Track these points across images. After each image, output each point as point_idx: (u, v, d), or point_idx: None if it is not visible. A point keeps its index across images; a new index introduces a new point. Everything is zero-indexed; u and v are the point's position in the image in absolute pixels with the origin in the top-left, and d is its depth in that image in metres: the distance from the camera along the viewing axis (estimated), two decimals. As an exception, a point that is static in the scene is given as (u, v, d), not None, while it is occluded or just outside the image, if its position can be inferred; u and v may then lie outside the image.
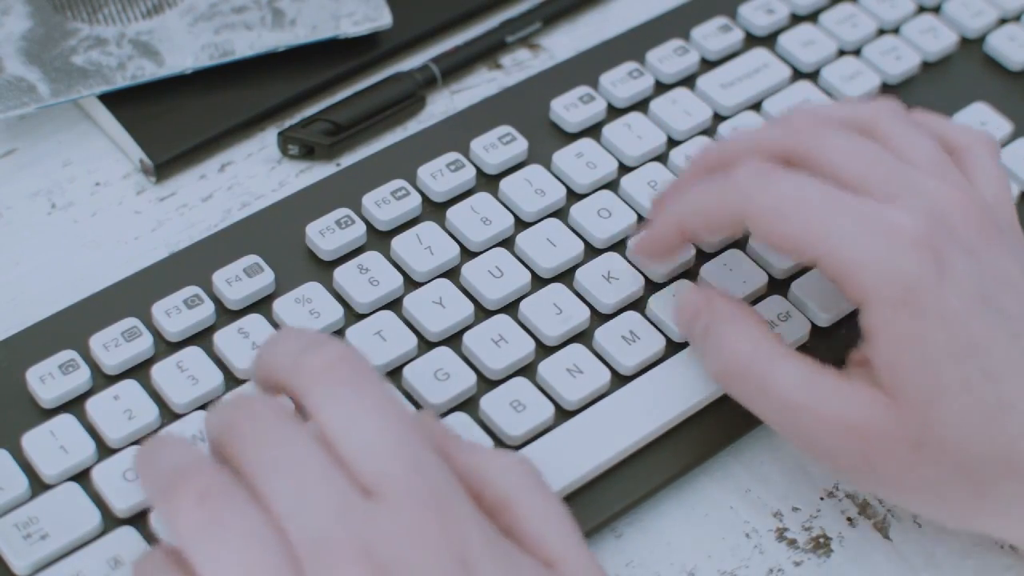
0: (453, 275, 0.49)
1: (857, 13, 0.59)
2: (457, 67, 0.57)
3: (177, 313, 0.47)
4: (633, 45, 0.57)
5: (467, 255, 0.50)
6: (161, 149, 0.53)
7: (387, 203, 0.50)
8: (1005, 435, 0.41)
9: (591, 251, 0.50)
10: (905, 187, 0.43)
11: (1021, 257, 0.43)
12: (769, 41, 0.58)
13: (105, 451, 0.44)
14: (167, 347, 0.47)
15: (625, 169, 0.53)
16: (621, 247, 0.50)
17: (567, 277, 0.49)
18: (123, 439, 0.44)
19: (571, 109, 0.54)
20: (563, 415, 0.46)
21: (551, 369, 0.46)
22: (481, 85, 0.58)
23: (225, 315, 0.48)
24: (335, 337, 0.39)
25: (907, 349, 0.41)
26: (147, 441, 0.38)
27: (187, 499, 0.35)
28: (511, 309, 0.48)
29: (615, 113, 0.55)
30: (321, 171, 0.54)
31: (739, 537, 0.46)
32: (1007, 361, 0.41)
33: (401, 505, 0.35)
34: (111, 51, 0.54)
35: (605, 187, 0.52)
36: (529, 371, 0.47)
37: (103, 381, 0.46)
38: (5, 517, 0.42)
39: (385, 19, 0.56)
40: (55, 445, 0.44)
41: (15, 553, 0.41)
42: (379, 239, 0.50)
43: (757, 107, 0.55)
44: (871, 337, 0.42)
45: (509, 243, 0.50)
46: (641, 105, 0.55)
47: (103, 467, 0.43)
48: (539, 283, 0.49)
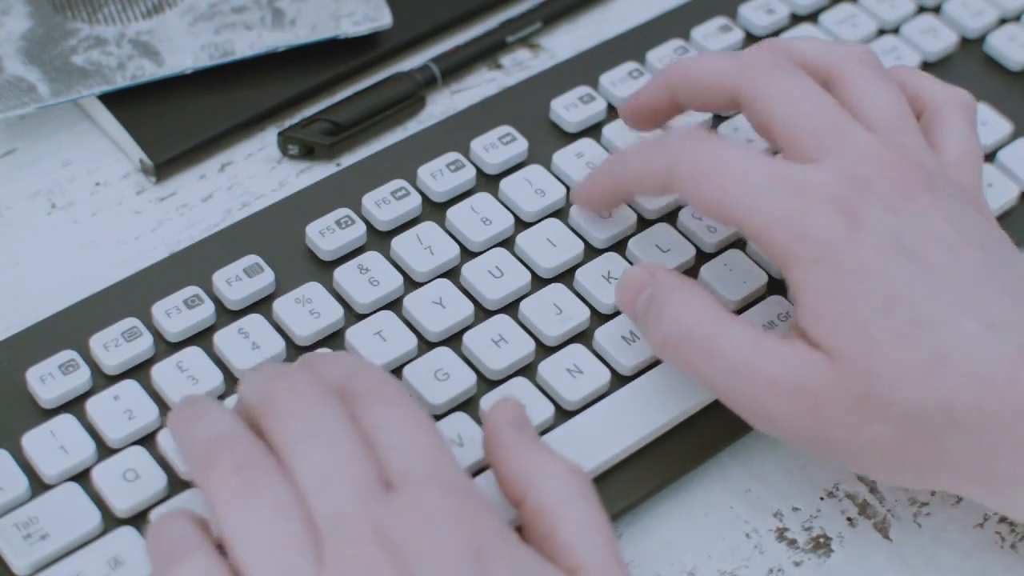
0: (453, 275, 0.49)
1: (857, 13, 0.59)
2: (457, 67, 0.57)
3: (177, 313, 0.47)
4: (633, 45, 0.57)
5: (467, 255, 0.50)
6: (161, 149, 0.53)
7: (387, 203, 0.50)
8: (943, 385, 0.40)
9: (591, 251, 0.50)
10: (835, 143, 0.43)
11: (956, 215, 0.43)
12: (769, 41, 0.58)
13: (105, 451, 0.44)
14: (167, 347, 0.47)
15: (625, 169, 0.53)
16: (622, 247, 0.50)
17: (567, 277, 0.49)
18: (123, 439, 0.44)
19: (571, 109, 0.54)
20: (563, 415, 0.46)
21: (551, 369, 0.46)
22: (481, 85, 0.58)
23: (225, 315, 0.48)
24: (375, 365, 0.42)
25: (828, 304, 0.41)
26: (183, 403, 0.41)
27: (224, 468, 0.37)
28: (511, 309, 0.48)
29: (615, 113, 0.55)
30: (321, 171, 0.54)
31: (739, 537, 0.46)
32: (935, 311, 0.41)
33: (421, 495, 0.37)
34: (111, 51, 0.54)
35: (605, 187, 0.52)
36: (529, 371, 0.47)
37: (103, 381, 0.46)
38: (5, 517, 0.42)
39: (385, 19, 0.56)
40: (55, 445, 0.44)
41: (15, 553, 0.41)
42: (379, 239, 0.50)
43: (757, 107, 0.55)
44: (796, 297, 0.42)
45: (509, 243, 0.50)
46: (641, 105, 0.55)
47: (103, 467, 0.43)
48: (539, 283, 0.49)
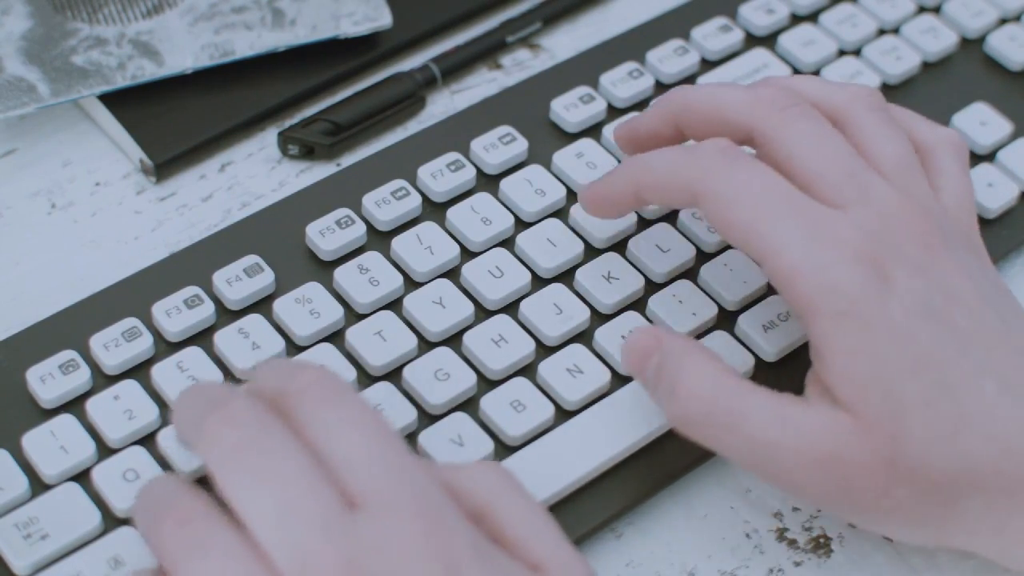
0: (453, 275, 0.49)
1: (857, 13, 0.59)
2: (457, 67, 0.57)
3: (177, 313, 0.47)
4: (633, 45, 0.57)
5: (467, 255, 0.50)
6: (161, 149, 0.53)
7: (387, 203, 0.50)
8: (968, 449, 0.40)
9: (591, 251, 0.50)
10: (857, 192, 0.42)
11: (971, 270, 0.43)
12: (769, 41, 0.58)
13: (105, 451, 0.44)
14: (167, 347, 0.47)
15: (625, 169, 0.53)
16: (622, 247, 0.50)
17: (567, 277, 0.49)
18: (123, 439, 0.44)
19: (571, 109, 0.54)
20: (563, 415, 0.46)
21: (551, 369, 0.46)
22: (481, 85, 0.58)
23: (225, 315, 0.47)
24: (310, 362, 0.39)
25: (857, 364, 0.41)
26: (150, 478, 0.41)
27: (170, 525, 0.37)
28: (511, 309, 0.48)
29: (615, 113, 0.55)
30: (321, 171, 0.54)
31: (739, 537, 0.46)
32: (960, 375, 0.41)
33: (386, 516, 0.35)
34: (111, 51, 0.54)
35: (605, 187, 0.52)
36: (529, 371, 0.47)
37: (103, 381, 0.46)
38: (5, 517, 0.42)
39: (385, 19, 0.56)
40: (55, 445, 0.44)
41: (15, 553, 0.41)
42: (379, 239, 0.50)
43: (757, 107, 0.55)
44: (819, 352, 0.41)
45: (509, 243, 0.50)
46: (641, 105, 0.55)
47: (103, 467, 0.43)
48: (539, 283, 0.49)
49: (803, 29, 0.58)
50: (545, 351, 0.47)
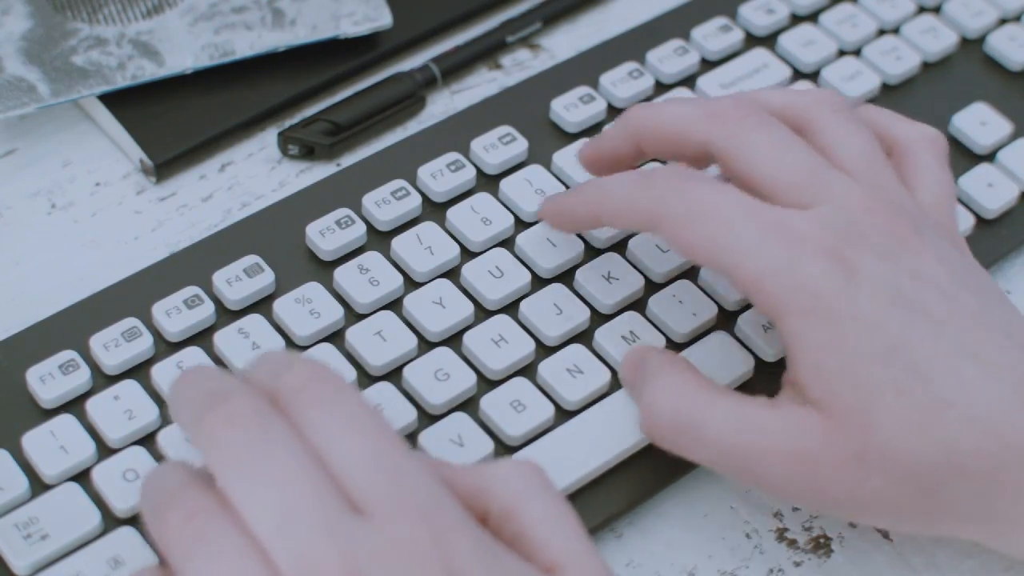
0: (453, 275, 0.49)
1: (857, 13, 0.59)
2: (457, 67, 0.57)
3: (177, 313, 0.47)
4: (633, 45, 0.57)
5: (467, 255, 0.50)
6: (161, 149, 0.53)
7: (387, 203, 0.50)
8: (946, 434, 0.40)
9: (591, 251, 0.50)
10: (819, 192, 0.42)
11: (944, 255, 0.43)
12: (769, 41, 0.58)
13: (105, 451, 0.44)
14: (167, 347, 0.47)
15: (625, 169, 0.53)
16: (622, 247, 0.50)
17: (567, 277, 0.49)
18: (123, 439, 0.44)
19: (571, 109, 0.54)
20: (563, 415, 0.46)
21: (551, 369, 0.46)
22: (481, 85, 0.58)
23: (225, 315, 0.47)
24: (308, 357, 0.39)
25: (827, 356, 0.40)
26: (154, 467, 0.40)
27: (175, 520, 0.36)
28: (511, 309, 0.48)
29: (615, 113, 0.55)
30: (321, 171, 0.54)
31: (739, 537, 0.46)
32: (935, 360, 0.40)
33: (387, 520, 0.35)
34: (111, 51, 0.54)
35: (605, 187, 0.52)
36: (529, 371, 0.47)
37: (103, 381, 0.46)
38: (5, 517, 0.42)
39: (385, 19, 0.56)
40: (55, 445, 0.44)
41: (15, 553, 0.41)
42: (379, 239, 0.50)
43: (757, 107, 0.55)
44: (791, 351, 0.42)
45: (509, 243, 0.50)
46: (641, 105, 0.55)
47: (103, 467, 0.43)
48: (539, 283, 0.49)
49: (803, 29, 0.58)
50: (545, 351, 0.47)
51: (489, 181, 0.52)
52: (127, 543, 0.42)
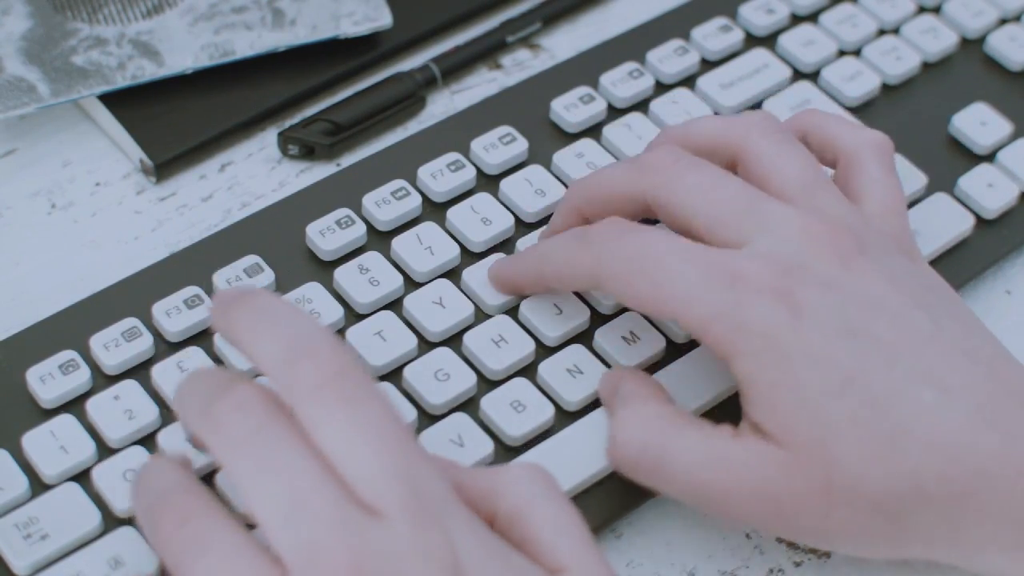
0: (453, 275, 0.49)
1: (857, 13, 0.59)
2: (457, 67, 0.57)
3: (177, 313, 0.47)
4: (633, 45, 0.57)
5: (467, 255, 0.50)
6: (161, 149, 0.53)
7: (387, 203, 0.50)
8: (908, 462, 0.40)
9: (591, 251, 0.50)
10: (755, 225, 0.42)
11: (895, 274, 0.42)
12: (769, 41, 0.58)
13: (105, 451, 0.44)
14: (167, 347, 0.47)
15: (625, 169, 0.53)
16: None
17: (567, 277, 0.49)
18: (123, 439, 0.44)
19: (571, 109, 0.54)
20: (564, 416, 0.46)
21: (551, 369, 0.46)
22: (481, 85, 0.58)
23: (225, 315, 0.47)
24: (325, 336, 0.37)
25: (780, 394, 0.40)
26: (142, 465, 0.39)
27: (169, 524, 0.36)
28: (511, 310, 0.48)
29: (615, 113, 0.55)
30: (321, 171, 0.54)
31: (739, 537, 0.46)
32: (890, 388, 0.40)
33: (397, 519, 0.35)
34: (111, 51, 0.54)
35: (605, 187, 0.52)
36: (529, 371, 0.47)
37: (103, 381, 0.46)
38: (5, 517, 0.42)
39: (385, 19, 0.56)
40: (55, 445, 0.44)
41: (15, 553, 0.41)
42: (379, 239, 0.50)
43: (757, 107, 0.55)
44: (744, 391, 0.41)
45: (509, 243, 0.50)
46: (641, 105, 0.55)
47: (103, 467, 0.43)
48: (539, 283, 0.49)
49: (803, 29, 0.58)
50: (545, 351, 0.47)
51: (489, 181, 0.52)
52: (127, 543, 0.42)
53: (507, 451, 0.45)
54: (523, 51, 0.59)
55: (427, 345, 0.47)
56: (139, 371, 0.46)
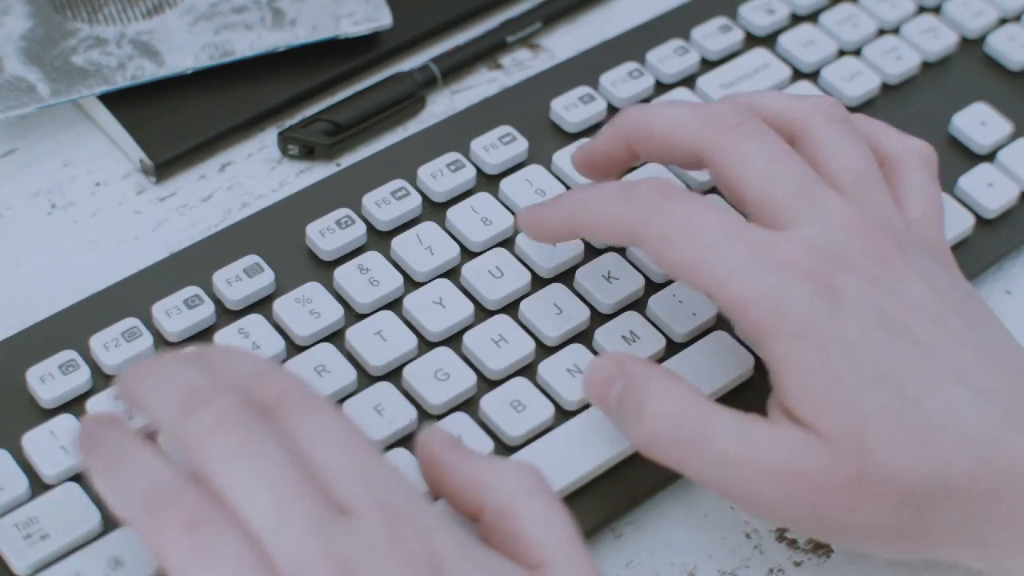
0: (453, 275, 0.49)
1: (857, 13, 0.59)
2: (457, 67, 0.57)
3: (177, 313, 0.47)
4: (633, 45, 0.57)
5: (467, 255, 0.50)
6: (161, 149, 0.53)
7: (387, 203, 0.50)
8: (937, 457, 0.40)
9: (591, 251, 0.50)
10: (805, 210, 0.42)
11: (932, 277, 0.42)
12: (769, 41, 0.58)
13: (105, 451, 0.44)
14: (167, 347, 0.47)
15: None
16: (622, 247, 0.50)
17: (567, 277, 0.49)
18: (123, 439, 0.44)
19: (571, 109, 0.54)
20: (563, 415, 0.46)
21: (551, 369, 0.46)
22: (481, 85, 0.58)
23: (225, 315, 0.47)
24: (278, 366, 0.39)
25: (814, 381, 0.40)
26: (95, 433, 0.38)
27: (174, 527, 0.35)
28: (511, 309, 0.48)
29: (615, 113, 0.54)
30: (321, 171, 0.54)
31: (739, 537, 0.46)
32: (923, 384, 0.40)
33: (372, 519, 0.35)
34: (111, 51, 0.54)
35: (605, 187, 0.52)
36: (529, 371, 0.47)
37: (103, 381, 0.46)
38: (5, 517, 0.42)
39: (385, 19, 0.56)
40: (55, 445, 0.44)
41: (15, 553, 0.41)
42: (379, 239, 0.50)
43: (757, 107, 0.55)
44: (777, 375, 0.41)
45: (509, 243, 0.50)
46: (641, 105, 0.55)
47: (103, 467, 0.43)
48: (539, 283, 0.49)
49: (803, 29, 0.58)
50: (545, 351, 0.47)
51: (489, 181, 0.52)
52: (127, 543, 0.42)
53: (507, 451, 0.45)
54: (523, 51, 0.59)
55: (427, 345, 0.47)
56: (139, 371, 0.46)
